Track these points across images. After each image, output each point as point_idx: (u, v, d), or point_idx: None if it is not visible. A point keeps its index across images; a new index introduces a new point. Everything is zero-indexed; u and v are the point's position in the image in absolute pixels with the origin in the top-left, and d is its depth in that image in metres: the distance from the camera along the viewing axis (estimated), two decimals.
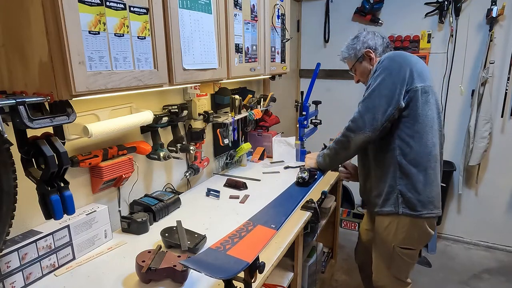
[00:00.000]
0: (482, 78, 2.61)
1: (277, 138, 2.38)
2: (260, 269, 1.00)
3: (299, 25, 3.31)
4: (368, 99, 1.39)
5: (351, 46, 1.62)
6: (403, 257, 1.52)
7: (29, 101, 0.85)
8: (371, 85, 1.41)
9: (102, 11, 0.93)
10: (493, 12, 2.48)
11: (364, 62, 1.59)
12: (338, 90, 3.27)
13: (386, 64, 1.40)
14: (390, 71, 1.38)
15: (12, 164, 0.86)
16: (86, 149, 1.31)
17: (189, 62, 1.28)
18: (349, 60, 1.64)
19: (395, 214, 1.46)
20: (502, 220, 2.91)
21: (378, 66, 1.43)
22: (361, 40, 1.59)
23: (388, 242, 1.52)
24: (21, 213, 1.09)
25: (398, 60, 1.41)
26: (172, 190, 1.79)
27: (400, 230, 1.48)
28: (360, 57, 1.59)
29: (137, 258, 1.10)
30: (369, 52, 1.57)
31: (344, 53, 1.66)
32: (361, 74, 1.63)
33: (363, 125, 1.38)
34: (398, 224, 1.48)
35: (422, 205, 1.43)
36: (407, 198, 1.43)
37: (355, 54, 1.60)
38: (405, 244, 1.50)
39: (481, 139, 2.69)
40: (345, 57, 1.66)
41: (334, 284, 2.56)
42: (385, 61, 1.42)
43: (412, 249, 1.52)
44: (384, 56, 1.45)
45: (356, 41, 1.61)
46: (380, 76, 1.39)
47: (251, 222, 1.19)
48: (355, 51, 1.60)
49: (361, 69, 1.61)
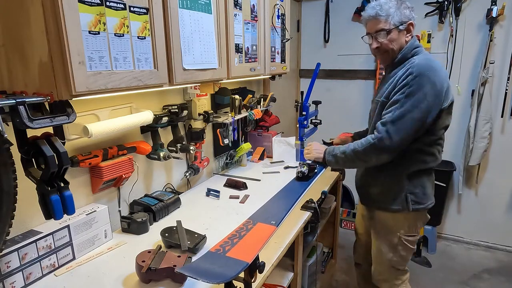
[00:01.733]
0: (482, 78, 2.61)
1: (277, 138, 2.38)
2: (260, 269, 1.00)
3: (299, 25, 3.31)
4: (400, 121, 1.31)
5: (398, 5, 1.39)
6: (407, 245, 1.56)
7: (29, 101, 0.85)
8: (401, 103, 1.32)
9: (102, 11, 0.93)
10: (493, 12, 2.48)
11: (402, 33, 1.42)
12: (338, 90, 3.27)
13: (422, 84, 1.30)
14: (425, 93, 1.30)
15: (12, 164, 0.86)
16: (86, 149, 1.31)
17: (189, 62, 1.28)
18: (385, 21, 1.39)
19: (403, 210, 1.50)
20: (502, 220, 2.91)
21: (411, 81, 1.31)
22: (407, 7, 1.41)
23: (393, 232, 1.55)
24: (21, 213, 1.09)
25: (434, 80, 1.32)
26: (172, 190, 1.79)
27: (407, 222, 1.53)
28: (404, 24, 1.40)
29: (137, 258, 1.10)
30: (412, 25, 1.42)
31: (385, 7, 1.39)
32: (390, 43, 1.42)
33: (391, 147, 1.34)
34: (405, 217, 1.53)
35: (427, 198, 1.51)
36: (415, 196, 1.48)
37: (400, 20, 1.39)
38: (410, 232, 1.55)
39: (481, 139, 2.69)
40: (383, 14, 1.38)
41: (334, 284, 2.56)
42: (419, 78, 1.31)
43: (416, 235, 1.58)
44: (417, 69, 1.32)
45: (402, 4, 1.40)
46: (414, 96, 1.30)
47: (251, 221, 1.19)
48: (401, 16, 1.39)
49: (394, 37, 1.41)
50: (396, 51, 1.44)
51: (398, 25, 1.39)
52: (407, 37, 1.44)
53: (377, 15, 1.40)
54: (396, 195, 1.49)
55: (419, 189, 1.48)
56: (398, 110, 1.33)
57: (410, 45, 1.43)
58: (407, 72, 1.35)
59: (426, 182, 1.50)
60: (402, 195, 1.48)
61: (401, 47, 1.44)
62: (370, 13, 1.42)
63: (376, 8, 1.40)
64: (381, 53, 1.47)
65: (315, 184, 1.66)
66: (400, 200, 1.48)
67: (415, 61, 1.37)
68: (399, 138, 1.33)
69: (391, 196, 1.50)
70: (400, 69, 1.42)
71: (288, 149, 2.35)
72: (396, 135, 1.33)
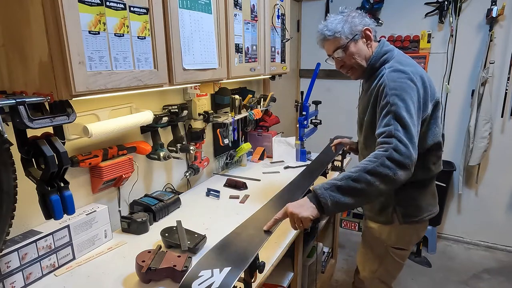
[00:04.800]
0: (482, 78, 2.61)
1: (277, 138, 2.38)
2: (260, 269, 1.00)
3: (299, 25, 3.31)
4: (406, 128, 1.12)
5: (344, 18, 1.31)
6: (394, 258, 1.45)
7: (29, 101, 0.85)
8: (393, 112, 1.14)
9: (102, 11, 0.93)
10: (493, 12, 2.48)
11: (360, 42, 1.32)
12: (338, 90, 3.27)
13: (402, 86, 1.18)
14: (409, 91, 1.18)
15: (12, 164, 0.86)
16: (86, 149, 1.31)
17: (189, 62, 1.28)
18: (338, 39, 1.31)
19: (390, 223, 1.40)
20: (502, 220, 2.91)
21: (389, 91, 1.18)
22: (357, 16, 1.33)
23: (380, 241, 1.46)
24: (21, 213, 1.09)
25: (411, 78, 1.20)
26: (172, 190, 1.79)
27: (394, 234, 1.42)
28: (357, 35, 1.31)
29: (137, 258, 1.10)
30: (368, 30, 1.32)
31: (330, 26, 1.31)
32: (351, 57, 1.33)
33: (411, 159, 1.09)
34: (394, 229, 1.41)
35: (421, 210, 1.38)
36: (403, 209, 1.36)
37: (351, 31, 1.30)
38: (398, 245, 1.44)
39: (481, 139, 2.69)
40: (331, 33, 1.31)
41: (334, 284, 2.56)
42: (395, 84, 1.19)
43: (405, 249, 1.46)
44: (389, 78, 1.21)
45: (348, 16, 1.32)
46: (399, 100, 1.16)
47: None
48: (351, 27, 1.30)
49: (354, 50, 1.32)
50: (362, 63, 1.34)
51: (351, 37, 1.30)
52: (368, 44, 1.34)
53: (325, 36, 1.33)
54: (383, 208, 1.39)
55: (408, 202, 1.36)
56: (394, 119, 1.15)
57: (377, 53, 1.32)
58: (379, 85, 1.24)
59: (417, 195, 1.37)
60: (390, 208, 1.38)
61: (367, 57, 1.34)
62: (319, 36, 1.37)
63: (323, 30, 1.33)
64: (348, 70, 1.39)
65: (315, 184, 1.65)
66: (387, 213, 1.39)
67: (384, 72, 1.26)
68: (412, 143, 1.12)
69: (378, 208, 1.41)
70: (374, 80, 1.31)
71: (288, 149, 2.35)
72: (408, 140, 1.11)
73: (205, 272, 0.90)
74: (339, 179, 1.10)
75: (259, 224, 1.18)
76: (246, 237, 1.09)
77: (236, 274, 0.90)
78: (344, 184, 1.08)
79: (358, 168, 1.10)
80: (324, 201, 1.07)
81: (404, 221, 1.37)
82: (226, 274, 0.90)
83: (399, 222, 1.37)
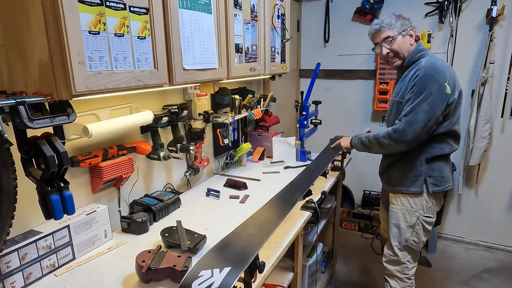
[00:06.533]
0: (482, 78, 2.61)
1: (277, 138, 2.38)
2: (260, 269, 1.00)
3: (299, 25, 3.31)
4: (411, 115, 1.53)
5: (397, 17, 1.66)
6: (424, 225, 1.69)
7: (29, 101, 0.85)
8: (412, 100, 1.54)
9: (102, 11, 0.93)
10: (493, 12, 2.48)
11: (405, 38, 1.66)
12: (338, 90, 3.27)
13: (427, 82, 1.52)
14: (430, 89, 1.50)
15: (12, 164, 0.86)
16: (86, 149, 1.31)
17: (189, 62, 1.28)
18: (390, 29, 1.65)
19: (422, 193, 1.65)
20: (502, 220, 2.91)
21: (418, 81, 1.53)
22: (406, 18, 1.68)
23: (412, 213, 1.69)
24: (21, 213, 1.09)
25: (438, 79, 1.52)
26: (172, 190, 1.79)
27: (426, 203, 1.67)
28: (405, 31, 1.65)
29: (137, 258, 1.10)
30: (412, 31, 1.67)
31: (386, 21, 1.66)
32: (398, 47, 1.66)
33: (404, 137, 1.54)
34: (424, 199, 1.67)
35: (445, 181, 1.66)
36: (433, 179, 1.64)
37: (402, 26, 1.65)
38: (428, 214, 1.69)
39: (481, 139, 2.69)
40: (386, 25, 1.66)
41: (334, 284, 2.56)
42: (424, 77, 1.52)
43: (432, 217, 1.70)
44: (423, 70, 1.54)
45: (400, 17, 1.67)
46: (421, 92, 1.52)
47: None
48: (403, 23, 1.65)
49: (400, 42, 1.65)
50: (404, 54, 1.66)
51: (401, 31, 1.65)
52: (411, 41, 1.67)
53: (381, 27, 1.67)
54: (416, 179, 1.65)
55: (436, 173, 1.64)
56: (409, 106, 1.55)
57: (416, 49, 1.66)
58: (415, 74, 1.57)
59: (443, 166, 1.66)
60: (421, 178, 1.64)
61: (408, 51, 1.67)
62: (375, 27, 1.69)
63: (379, 23, 1.68)
64: (391, 57, 1.70)
65: (315, 184, 1.66)
66: (419, 183, 1.65)
67: (421, 63, 1.58)
68: (412, 129, 1.52)
69: (411, 180, 1.66)
70: (410, 70, 1.63)
71: (288, 149, 2.35)
72: (409, 126, 1.53)
73: (205, 272, 0.90)
74: (365, 135, 1.77)
75: (259, 224, 1.18)
76: (246, 237, 1.10)
77: (236, 274, 0.90)
78: (363, 138, 1.77)
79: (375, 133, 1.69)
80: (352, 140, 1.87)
81: (432, 191, 1.65)
82: (226, 274, 0.90)
83: (428, 191, 1.65)
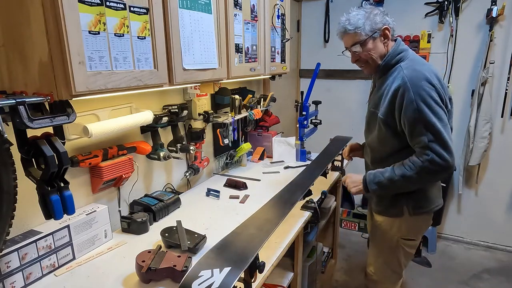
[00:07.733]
0: (482, 78, 2.61)
1: (277, 138, 2.38)
2: (260, 269, 1.00)
3: (299, 25, 3.31)
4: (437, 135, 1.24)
5: (367, 15, 1.35)
6: (405, 248, 1.52)
7: (29, 101, 0.85)
8: (422, 119, 1.24)
9: (102, 11, 0.93)
10: (493, 12, 2.48)
11: (378, 40, 1.37)
12: (338, 90, 3.27)
13: (420, 93, 1.25)
14: (429, 99, 1.25)
15: (12, 164, 0.86)
16: (86, 149, 1.31)
17: (189, 62, 1.28)
18: (358, 33, 1.35)
19: (401, 215, 1.46)
20: (502, 220, 2.91)
21: (407, 101, 1.26)
22: (378, 14, 1.36)
23: (391, 235, 1.51)
24: (21, 213, 1.09)
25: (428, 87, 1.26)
26: (172, 190, 1.79)
27: (405, 225, 1.48)
28: (377, 32, 1.35)
29: (137, 258, 1.10)
30: (387, 30, 1.36)
31: (353, 21, 1.35)
32: (367, 55, 1.38)
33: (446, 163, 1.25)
34: (404, 222, 1.47)
35: (429, 202, 1.45)
36: (414, 201, 1.42)
37: (372, 28, 1.34)
38: (409, 236, 1.51)
39: (481, 139, 2.69)
40: (352, 28, 1.35)
41: (334, 284, 2.56)
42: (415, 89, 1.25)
43: (415, 240, 1.54)
44: (410, 83, 1.27)
45: (371, 13, 1.35)
46: (424, 108, 1.24)
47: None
48: (372, 24, 1.34)
49: (371, 47, 1.37)
50: (376, 60, 1.39)
51: (371, 34, 1.35)
52: (385, 42, 1.39)
53: (346, 30, 1.38)
54: (394, 201, 1.45)
55: (419, 195, 1.42)
56: (424, 128, 1.25)
57: (393, 52, 1.38)
58: (397, 88, 1.30)
59: (427, 187, 1.44)
60: (401, 201, 1.44)
61: (382, 55, 1.39)
62: (340, 29, 1.42)
63: (345, 24, 1.38)
64: (362, 64, 1.45)
65: (315, 184, 1.66)
66: (398, 205, 1.45)
67: (401, 71, 1.32)
68: (447, 151, 1.25)
69: (388, 202, 1.47)
70: (388, 77, 1.38)
71: (288, 149, 2.35)
72: (443, 150, 1.24)
73: (205, 272, 0.90)
74: (386, 177, 1.36)
75: (259, 224, 1.18)
76: (246, 237, 1.09)
77: (236, 274, 0.90)
78: (385, 182, 1.36)
79: (399, 171, 1.33)
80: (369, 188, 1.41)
81: (414, 213, 1.44)
82: (226, 274, 0.90)
83: (409, 214, 1.44)
